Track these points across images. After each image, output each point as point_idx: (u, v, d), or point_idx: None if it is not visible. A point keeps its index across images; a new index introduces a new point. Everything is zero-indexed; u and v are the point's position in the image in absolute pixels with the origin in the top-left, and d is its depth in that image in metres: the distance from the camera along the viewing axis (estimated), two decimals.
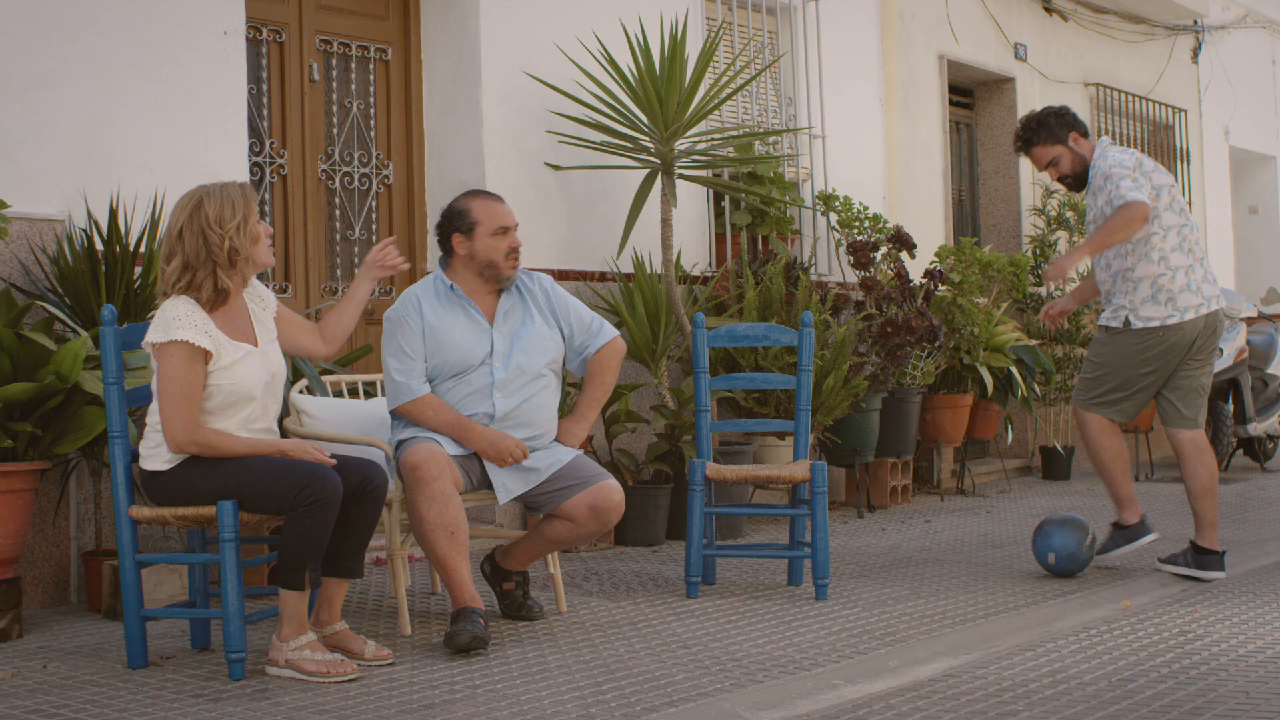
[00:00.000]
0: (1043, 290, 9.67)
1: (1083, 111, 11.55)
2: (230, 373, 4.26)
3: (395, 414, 4.93)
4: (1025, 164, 10.75)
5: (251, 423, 4.33)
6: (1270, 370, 10.50)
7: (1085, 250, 5.82)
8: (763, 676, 4.21)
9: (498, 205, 5.04)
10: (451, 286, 4.97)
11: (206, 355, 4.21)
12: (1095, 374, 6.05)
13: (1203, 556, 5.95)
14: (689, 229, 7.92)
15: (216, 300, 4.28)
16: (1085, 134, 6.13)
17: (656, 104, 7.01)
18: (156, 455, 4.27)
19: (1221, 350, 9.93)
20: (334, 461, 4.28)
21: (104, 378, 4.35)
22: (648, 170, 7.23)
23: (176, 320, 4.20)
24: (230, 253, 4.26)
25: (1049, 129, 6.10)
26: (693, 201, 7.95)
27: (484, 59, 6.98)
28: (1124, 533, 6.15)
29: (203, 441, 4.21)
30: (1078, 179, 6.15)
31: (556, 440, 5.05)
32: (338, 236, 6.89)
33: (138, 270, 5.41)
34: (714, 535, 5.81)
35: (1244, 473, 10.53)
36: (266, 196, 6.54)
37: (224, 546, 4.16)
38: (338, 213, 6.88)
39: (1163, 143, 12.73)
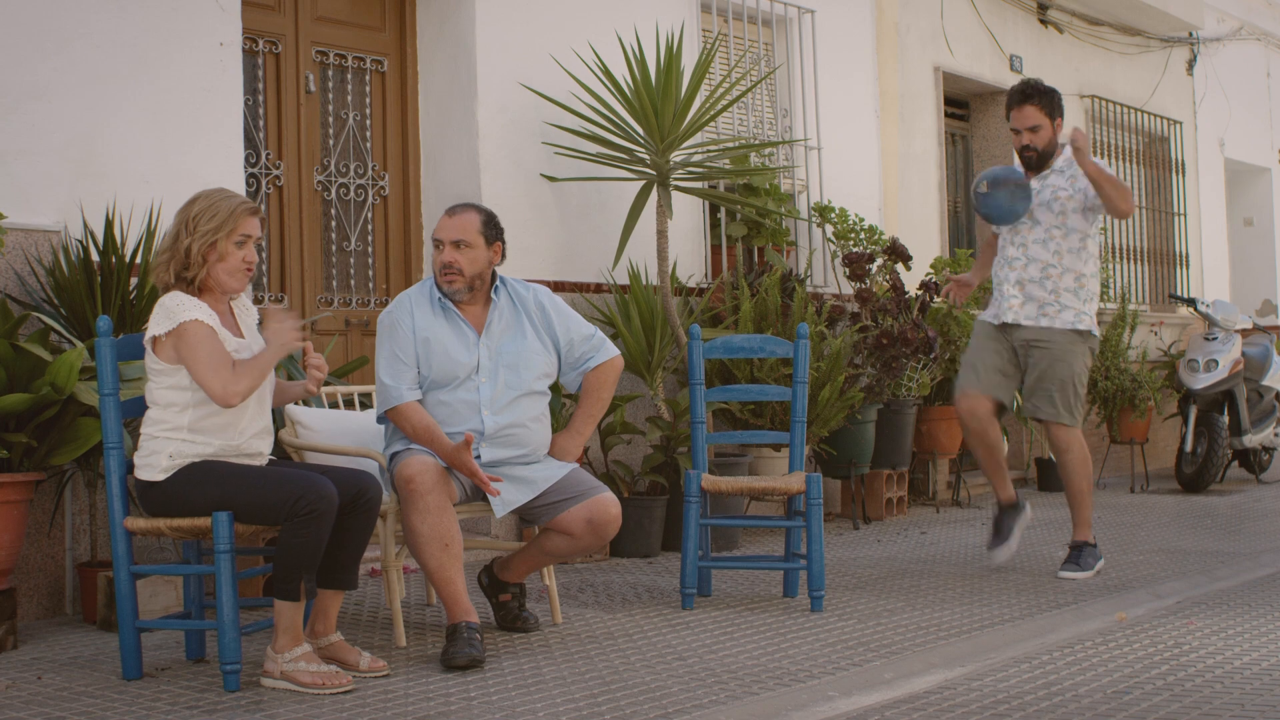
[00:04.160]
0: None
1: (1077, 123, 11.55)
2: None
3: (382, 419, 4.91)
4: None
5: (244, 418, 4.33)
6: (1265, 382, 10.51)
7: (1098, 170, 6.01)
8: (758, 689, 4.20)
9: (445, 217, 4.93)
10: (440, 298, 4.91)
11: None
12: (1080, 388, 6.29)
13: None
14: (684, 241, 7.93)
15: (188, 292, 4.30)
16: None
17: (652, 116, 7.01)
18: (152, 465, 4.27)
19: (1216, 362, 9.95)
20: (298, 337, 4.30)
21: (99, 389, 4.35)
22: (643, 182, 7.23)
23: (180, 305, 4.22)
24: (186, 251, 4.27)
25: (1051, 101, 6.27)
26: (688, 213, 7.95)
27: (480, 71, 6.99)
28: (1088, 551, 6.34)
29: (244, 387, 4.20)
30: (1041, 158, 6.32)
31: (550, 455, 5.00)
32: (333, 248, 6.89)
33: (133, 281, 5.41)
34: (709, 547, 5.81)
35: (1239, 485, 10.54)
36: (262, 208, 6.53)
37: (219, 558, 4.16)
38: (333, 224, 6.89)
39: (1158, 154, 12.74)
